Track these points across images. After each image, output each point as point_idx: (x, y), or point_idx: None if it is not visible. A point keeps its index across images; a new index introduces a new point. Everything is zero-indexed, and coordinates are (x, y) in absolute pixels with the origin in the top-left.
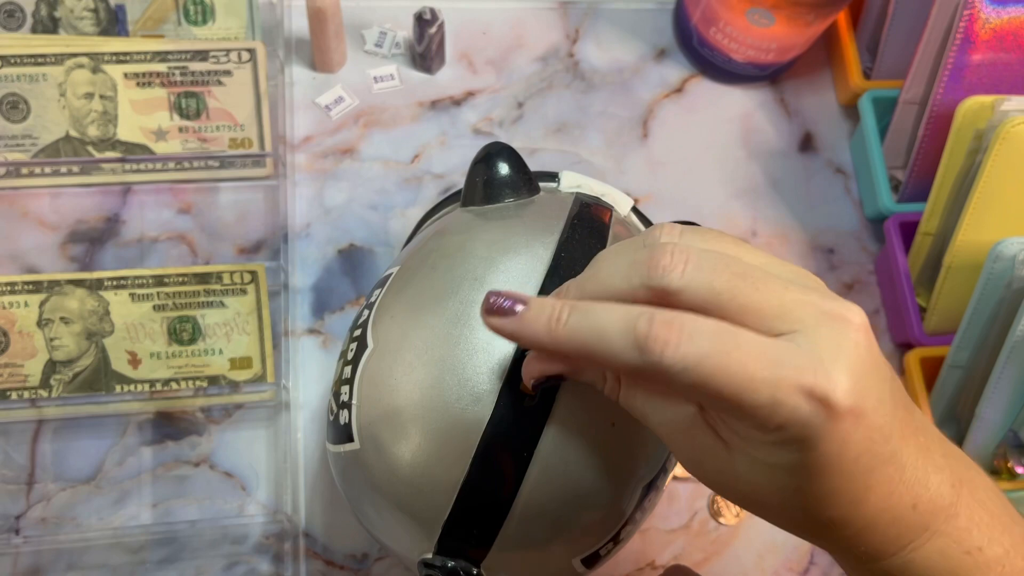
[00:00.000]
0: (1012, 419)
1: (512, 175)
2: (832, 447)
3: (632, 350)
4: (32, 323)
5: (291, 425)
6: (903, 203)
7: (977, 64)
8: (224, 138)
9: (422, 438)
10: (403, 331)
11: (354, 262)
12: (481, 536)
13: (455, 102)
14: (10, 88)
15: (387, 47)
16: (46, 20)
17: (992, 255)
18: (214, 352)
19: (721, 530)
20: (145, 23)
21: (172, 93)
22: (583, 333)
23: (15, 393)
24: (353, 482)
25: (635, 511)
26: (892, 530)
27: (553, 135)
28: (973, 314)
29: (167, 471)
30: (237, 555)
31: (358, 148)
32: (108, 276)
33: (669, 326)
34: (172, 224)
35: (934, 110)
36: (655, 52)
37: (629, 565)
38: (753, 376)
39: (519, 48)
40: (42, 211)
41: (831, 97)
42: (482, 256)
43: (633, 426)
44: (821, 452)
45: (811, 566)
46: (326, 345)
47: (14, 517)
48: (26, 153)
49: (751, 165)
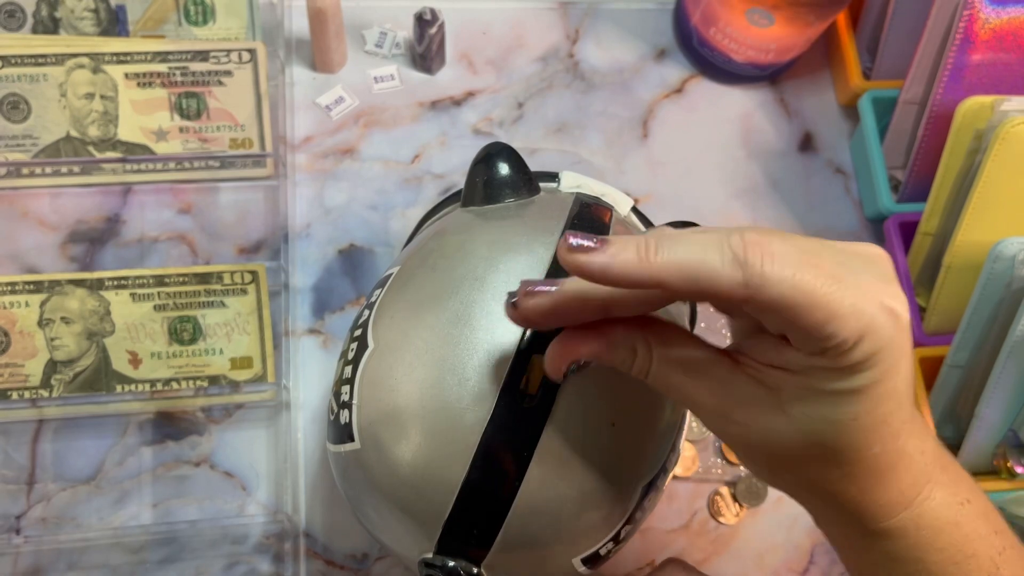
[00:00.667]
0: (1012, 419)
1: (512, 175)
2: (898, 362)
3: (733, 265)
4: (33, 323)
5: (291, 425)
6: (903, 203)
7: (977, 64)
8: (224, 138)
9: (422, 438)
10: (403, 331)
11: (354, 262)
12: (481, 536)
13: (455, 102)
14: (11, 88)
15: (387, 47)
16: (47, 20)
17: (992, 255)
18: (214, 352)
19: (721, 530)
20: (146, 23)
21: (173, 93)
22: (679, 256)
23: (16, 393)
24: (353, 482)
25: (635, 511)
26: (908, 476)
27: (553, 135)
28: (973, 314)
29: (167, 471)
30: (237, 555)
31: (358, 148)
32: (109, 276)
33: (762, 243)
34: (173, 224)
35: (934, 110)
36: (655, 52)
37: (629, 565)
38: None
39: (519, 48)
40: (43, 211)
41: (831, 97)
42: (482, 256)
43: (633, 426)
44: (890, 367)
45: (811, 566)
46: (326, 345)
47: (14, 517)
48: (27, 153)
49: (751, 165)
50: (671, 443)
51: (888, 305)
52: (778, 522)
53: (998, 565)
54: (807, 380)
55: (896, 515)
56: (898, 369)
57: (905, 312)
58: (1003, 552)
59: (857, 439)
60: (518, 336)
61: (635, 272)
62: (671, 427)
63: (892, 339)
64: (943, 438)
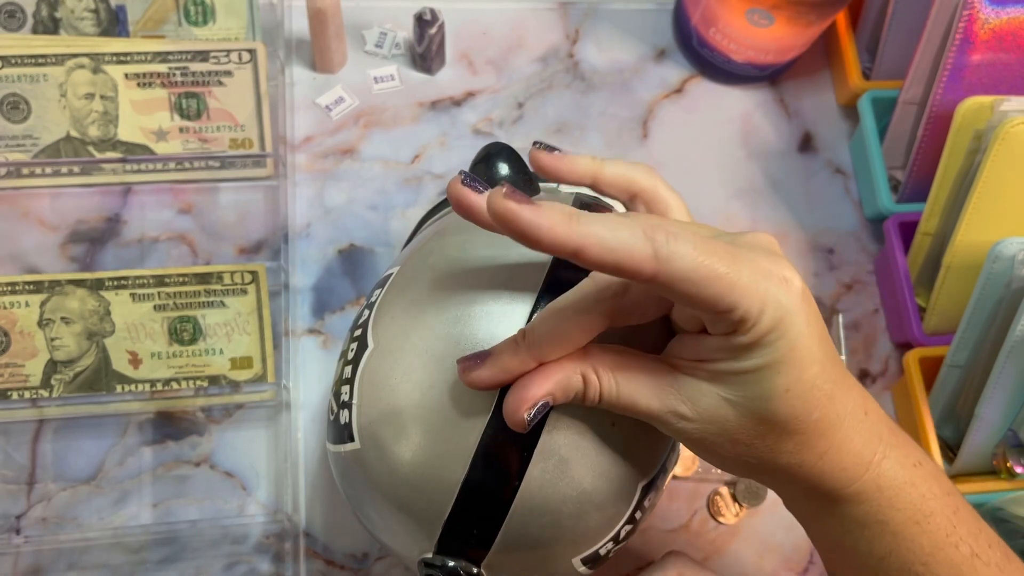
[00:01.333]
0: (1011, 419)
1: (512, 175)
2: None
3: (644, 241)
4: (33, 323)
5: (291, 425)
6: (902, 203)
7: (976, 64)
8: (225, 138)
9: (422, 438)
10: (403, 331)
11: (354, 262)
12: (481, 536)
13: (455, 102)
14: (11, 88)
15: (387, 47)
16: (47, 21)
17: (991, 255)
18: (215, 352)
19: (721, 529)
20: (146, 24)
21: (173, 93)
22: (598, 229)
23: (16, 393)
24: (353, 482)
25: (635, 511)
26: (858, 437)
27: (553, 135)
28: (972, 314)
29: (167, 471)
30: (237, 555)
31: (358, 148)
32: (109, 276)
33: (665, 225)
34: (173, 224)
35: (933, 110)
36: (655, 52)
37: (629, 565)
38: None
39: (519, 48)
40: (43, 211)
41: (830, 97)
42: (482, 256)
43: (633, 426)
44: (799, 332)
45: (810, 566)
46: (326, 345)
47: (15, 517)
48: (27, 153)
49: (751, 165)
50: (671, 443)
51: (780, 274)
52: (778, 522)
53: (954, 524)
54: (731, 364)
55: (859, 478)
56: (809, 333)
57: (797, 279)
58: (957, 512)
59: (795, 407)
60: None
61: (561, 234)
62: None
63: (792, 304)
64: (943, 438)
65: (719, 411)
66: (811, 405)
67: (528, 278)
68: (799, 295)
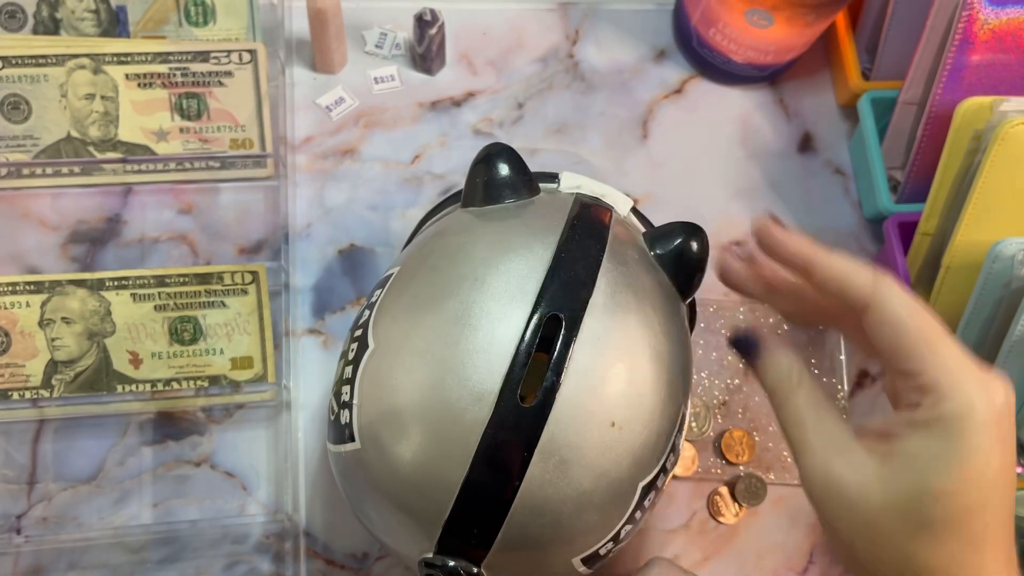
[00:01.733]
0: None
1: (512, 176)
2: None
3: (868, 277)
4: (33, 323)
5: (292, 425)
6: (902, 203)
7: (976, 65)
8: (225, 139)
9: (423, 438)
10: (404, 331)
11: (354, 262)
12: (481, 535)
13: (455, 103)
14: (11, 89)
15: (387, 48)
16: (47, 21)
17: (991, 255)
18: (215, 352)
19: (721, 529)
20: (146, 24)
21: (173, 94)
22: (830, 253)
23: (16, 393)
24: (354, 482)
25: (635, 511)
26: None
27: (553, 136)
28: (972, 314)
29: (168, 471)
30: (238, 554)
31: (359, 149)
32: (109, 276)
33: (892, 280)
34: (173, 224)
35: (933, 111)
36: (655, 53)
37: (629, 565)
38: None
39: (519, 49)
40: (43, 211)
41: (830, 98)
42: (482, 257)
43: (633, 426)
44: (980, 446)
45: (810, 565)
46: (327, 345)
47: (15, 517)
48: (27, 154)
49: (750, 166)
50: (671, 443)
51: (989, 378)
52: (777, 522)
53: None
54: (901, 441)
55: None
56: (992, 451)
57: (1003, 393)
58: None
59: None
60: (518, 336)
61: (802, 244)
62: (670, 427)
63: (985, 411)
64: None
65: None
66: (951, 530)
67: (528, 279)
68: (997, 407)
